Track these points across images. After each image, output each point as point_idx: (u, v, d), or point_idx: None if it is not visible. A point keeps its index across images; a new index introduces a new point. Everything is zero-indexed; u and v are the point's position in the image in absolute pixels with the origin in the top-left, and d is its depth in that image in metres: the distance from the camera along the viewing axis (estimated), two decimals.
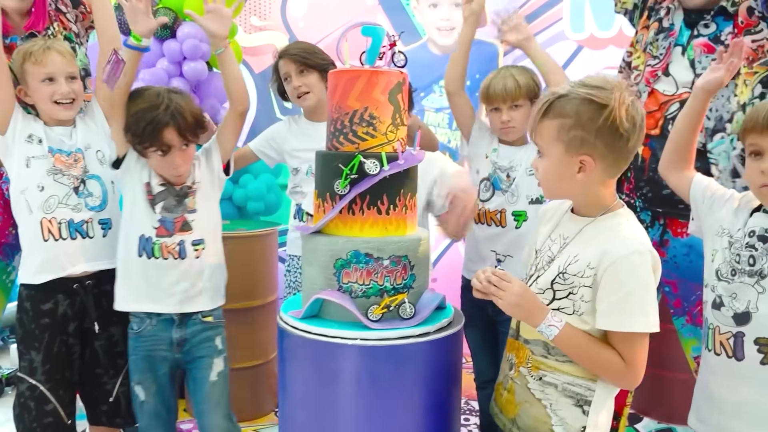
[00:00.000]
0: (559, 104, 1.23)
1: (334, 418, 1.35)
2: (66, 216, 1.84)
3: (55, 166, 1.84)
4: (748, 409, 1.30)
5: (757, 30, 1.87)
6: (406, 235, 1.42)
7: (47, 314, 1.86)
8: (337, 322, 1.37)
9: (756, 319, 1.29)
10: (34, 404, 1.86)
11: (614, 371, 1.22)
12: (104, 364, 1.97)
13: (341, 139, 1.41)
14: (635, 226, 1.27)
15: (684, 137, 1.51)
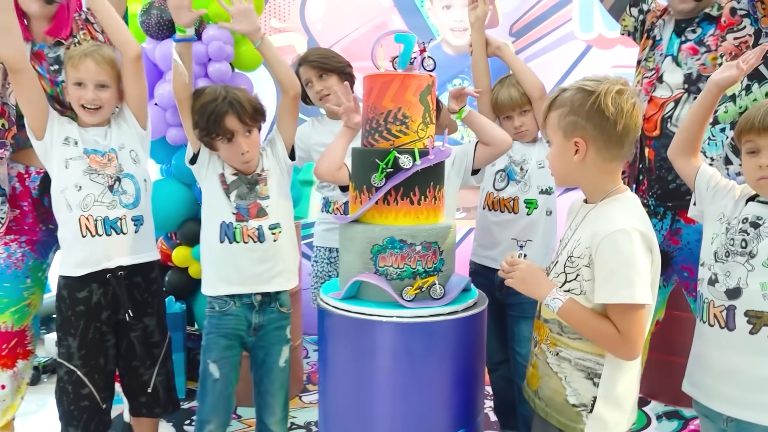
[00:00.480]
0: (560, 97, 1.39)
1: (373, 389, 1.50)
2: (102, 213, 1.94)
3: (90, 166, 1.94)
4: (738, 374, 1.43)
5: (740, 27, 2.02)
6: (436, 223, 1.56)
7: (82, 302, 1.96)
8: (374, 302, 1.52)
9: (746, 293, 1.42)
10: (71, 388, 1.98)
11: (611, 342, 1.33)
12: (140, 356, 2.07)
13: (376, 137, 1.55)
14: (629, 209, 1.38)
15: (694, 126, 1.62)
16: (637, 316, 1.31)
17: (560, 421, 1.42)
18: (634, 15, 2.34)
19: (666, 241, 2.22)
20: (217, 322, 1.94)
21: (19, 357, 2.29)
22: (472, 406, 1.58)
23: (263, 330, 1.96)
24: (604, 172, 1.40)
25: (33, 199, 2.20)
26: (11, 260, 2.19)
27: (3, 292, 2.21)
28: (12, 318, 2.23)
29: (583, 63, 3.53)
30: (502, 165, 2.20)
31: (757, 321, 1.41)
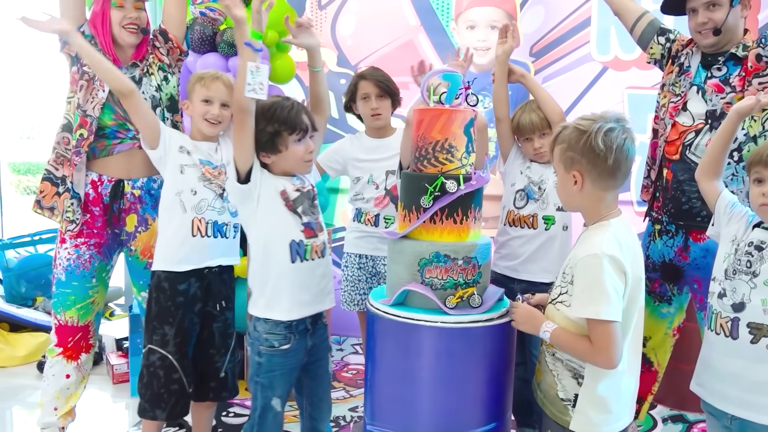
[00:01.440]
0: (561, 134, 1.61)
1: (416, 385, 1.70)
2: (213, 217, 2.17)
3: (204, 174, 2.17)
4: (740, 378, 1.63)
5: (764, 73, 2.21)
6: (476, 240, 1.77)
7: (182, 293, 2.16)
8: (420, 309, 1.72)
9: (749, 308, 1.62)
10: (163, 372, 2.15)
11: (588, 354, 1.53)
12: (218, 345, 2.27)
13: (425, 163, 1.76)
14: (609, 235, 1.54)
15: (716, 151, 1.83)
16: (604, 330, 1.49)
17: (552, 412, 1.64)
18: (662, 43, 2.52)
19: (677, 257, 2.42)
20: (280, 361, 1.90)
21: (83, 350, 2.49)
22: (503, 403, 1.79)
23: (315, 347, 2.00)
24: (600, 199, 1.60)
25: (104, 205, 2.40)
26: (80, 261, 2.41)
27: (71, 290, 2.42)
28: (78, 314, 2.45)
29: (599, 83, 3.72)
30: (522, 185, 2.40)
31: (758, 332, 1.60)
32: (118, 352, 3.48)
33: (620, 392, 1.60)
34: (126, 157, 2.39)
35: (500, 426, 1.77)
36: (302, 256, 1.88)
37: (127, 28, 2.35)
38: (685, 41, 2.47)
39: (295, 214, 1.90)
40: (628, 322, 1.57)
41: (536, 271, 2.37)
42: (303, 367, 2.00)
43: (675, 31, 2.52)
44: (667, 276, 2.48)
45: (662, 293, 2.51)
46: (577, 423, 1.58)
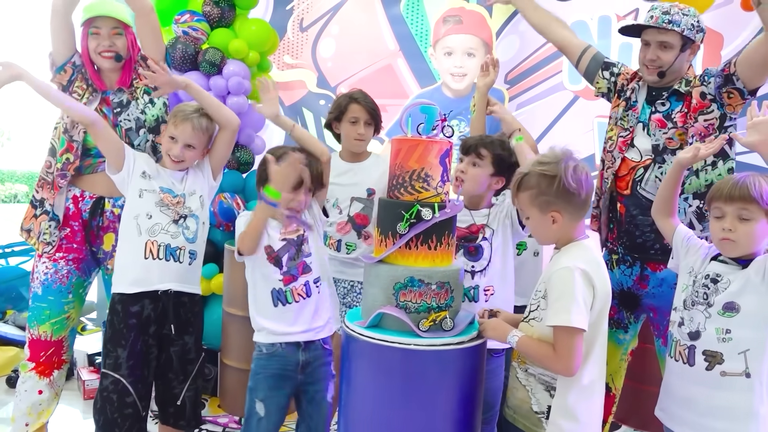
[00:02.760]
0: (525, 180, 1.72)
1: (390, 405, 1.75)
2: (165, 240, 2.19)
3: (162, 200, 2.22)
4: (696, 403, 1.73)
5: (708, 111, 2.34)
6: (449, 266, 1.84)
7: (135, 315, 2.16)
8: (394, 331, 1.78)
9: (704, 336, 1.72)
10: (116, 397, 2.14)
11: (547, 359, 1.64)
12: (176, 369, 2.25)
13: (401, 191, 1.83)
14: (579, 254, 1.68)
15: (666, 194, 1.96)
16: (571, 338, 1.60)
17: (526, 425, 1.72)
18: (606, 77, 2.63)
19: (635, 285, 2.52)
20: (264, 363, 2.07)
21: (55, 367, 2.50)
22: (474, 423, 1.84)
23: (310, 367, 2.09)
24: (573, 228, 1.72)
25: (83, 221, 2.43)
26: (57, 276, 2.43)
27: (46, 305, 2.44)
28: (51, 329, 2.46)
29: (570, 111, 3.85)
30: None
31: (712, 359, 1.70)
32: (90, 367, 3.47)
33: (589, 403, 1.69)
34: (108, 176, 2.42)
35: None
36: (284, 301, 2.07)
37: (102, 54, 2.41)
38: (630, 74, 2.58)
39: (276, 265, 2.06)
40: (596, 335, 1.66)
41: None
42: (299, 386, 2.11)
43: (619, 64, 2.63)
44: (625, 304, 2.57)
45: (619, 320, 2.61)
46: None
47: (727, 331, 1.68)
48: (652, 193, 2.43)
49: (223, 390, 3.25)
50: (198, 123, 2.23)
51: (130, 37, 2.48)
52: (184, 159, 2.25)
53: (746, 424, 1.67)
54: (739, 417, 1.68)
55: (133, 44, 2.50)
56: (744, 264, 1.71)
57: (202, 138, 2.26)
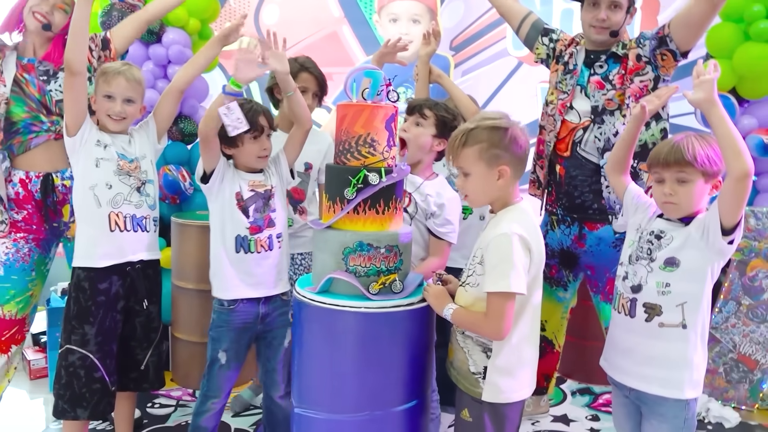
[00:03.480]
0: (473, 134, 1.71)
1: (342, 368, 1.78)
2: (130, 211, 2.14)
3: (121, 168, 2.14)
4: (635, 352, 1.80)
5: (644, 72, 2.41)
6: (397, 230, 1.86)
7: (103, 292, 2.13)
8: (345, 295, 1.80)
9: (645, 289, 1.79)
10: (84, 372, 2.12)
11: (478, 325, 1.70)
12: (139, 338, 2.26)
13: (348, 157, 1.83)
14: (516, 217, 1.70)
15: (622, 151, 1.99)
16: (504, 303, 1.64)
17: (465, 386, 1.77)
18: (545, 43, 2.68)
19: (573, 245, 2.60)
20: (226, 318, 2.15)
21: (14, 342, 2.46)
22: (424, 382, 1.89)
23: (270, 317, 2.19)
24: (512, 188, 1.75)
25: (36, 202, 2.37)
26: (19, 255, 2.39)
27: (10, 284, 2.40)
28: (17, 307, 2.43)
29: (514, 77, 3.90)
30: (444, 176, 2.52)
31: (652, 311, 1.78)
32: (35, 347, 3.38)
33: (522, 360, 1.75)
34: (45, 149, 2.36)
35: (421, 403, 1.88)
36: (246, 248, 2.11)
37: (35, 15, 2.34)
38: (569, 40, 2.64)
39: (243, 213, 2.12)
40: (528, 298, 1.71)
41: (456, 258, 2.49)
42: (259, 335, 2.22)
43: (558, 31, 2.69)
44: (565, 263, 2.67)
45: (559, 278, 2.71)
46: (488, 392, 1.72)
47: (667, 285, 1.75)
48: (591, 153, 2.50)
49: (176, 363, 3.22)
50: (131, 74, 2.17)
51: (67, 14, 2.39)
52: (126, 116, 2.17)
53: (681, 371, 1.76)
54: (674, 365, 1.76)
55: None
56: (686, 221, 1.77)
57: (138, 90, 2.19)
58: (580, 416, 2.98)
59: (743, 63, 3.01)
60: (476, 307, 1.72)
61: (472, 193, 1.76)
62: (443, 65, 3.96)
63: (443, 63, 3.95)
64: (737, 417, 2.91)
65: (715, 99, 1.65)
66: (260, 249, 2.13)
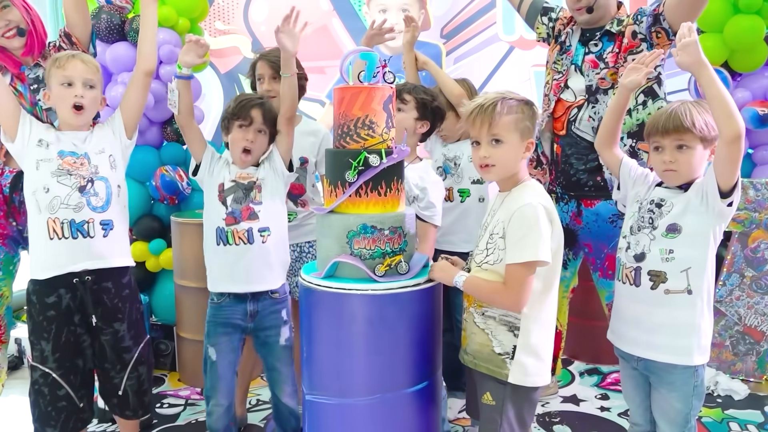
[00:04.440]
0: (506, 104, 1.69)
1: (352, 351, 1.77)
2: (68, 216, 1.95)
3: (60, 167, 1.97)
4: (642, 321, 1.80)
5: (638, 50, 2.41)
6: (400, 211, 1.86)
7: (52, 307, 1.98)
8: (351, 279, 1.79)
9: (649, 257, 1.79)
10: (47, 390, 2.00)
11: (498, 294, 1.67)
12: (111, 359, 2.11)
13: (347, 140, 1.82)
14: (536, 191, 1.70)
15: (611, 123, 1.98)
16: (529, 274, 1.63)
17: (489, 368, 1.73)
18: (545, 23, 2.69)
19: (572, 222, 2.61)
20: (214, 312, 2.17)
21: None
22: (434, 362, 1.89)
23: (259, 316, 2.17)
24: (525, 165, 1.76)
25: (4, 196, 2.33)
26: None
27: None
28: None
29: (507, 62, 3.91)
30: (440, 162, 2.53)
31: (656, 279, 1.78)
32: None
33: (549, 339, 1.74)
34: None
35: (432, 384, 1.87)
36: (224, 240, 2.10)
37: (6, 36, 2.29)
38: (567, 19, 2.64)
39: (222, 203, 2.11)
40: (555, 272, 1.71)
41: (457, 241, 2.50)
42: (253, 333, 2.21)
43: (557, 9, 2.68)
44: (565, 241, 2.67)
45: None
46: (515, 374, 1.69)
47: (670, 251, 1.75)
48: (585, 132, 2.50)
49: (182, 363, 3.21)
50: (87, 58, 2.06)
51: (19, 3, 2.32)
52: (86, 103, 2.01)
53: (689, 337, 1.76)
54: (681, 332, 1.76)
55: (27, 9, 2.36)
56: (685, 188, 1.78)
57: (96, 75, 2.06)
58: (590, 395, 2.98)
59: (734, 36, 3.01)
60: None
61: (501, 162, 1.71)
62: (435, 53, 3.96)
63: (435, 51, 3.96)
64: (746, 389, 2.92)
65: (703, 60, 1.65)
66: (238, 241, 2.09)
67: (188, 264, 3.00)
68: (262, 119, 2.11)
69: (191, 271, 2.98)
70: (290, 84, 2.15)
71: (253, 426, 2.70)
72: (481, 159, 1.72)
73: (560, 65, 2.57)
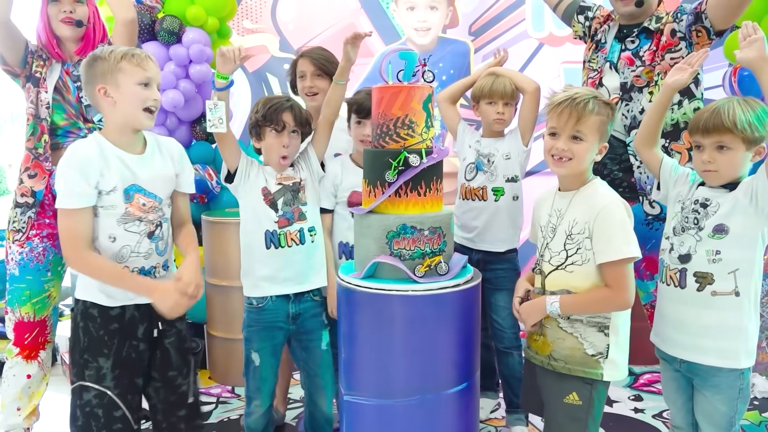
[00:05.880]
0: (596, 103, 1.70)
1: (392, 352, 1.77)
2: (138, 264, 1.80)
3: (126, 213, 1.77)
4: (687, 324, 1.77)
5: (677, 48, 2.36)
6: (439, 211, 1.84)
7: (116, 319, 1.80)
8: (390, 279, 1.78)
9: (695, 259, 1.76)
10: (102, 411, 1.80)
11: (607, 300, 1.67)
12: (177, 364, 1.92)
13: (387, 140, 1.81)
14: (608, 188, 1.76)
15: (652, 122, 1.95)
16: (625, 270, 1.66)
17: (585, 371, 1.72)
18: (581, 21, 2.65)
19: None
20: (255, 317, 2.13)
21: (40, 347, 2.45)
22: (473, 363, 1.87)
23: (301, 318, 2.15)
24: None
25: (53, 195, 2.36)
26: (33, 254, 2.36)
27: (25, 285, 2.37)
28: (33, 309, 2.40)
29: (536, 59, 3.87)
30: (473, 158, 2.49)
31: (703, 280, 1.74)
32: None
33: (629, 332, 1.77)
34: None
35: (471, 385, 1.86)
36: (276, 243, 2.09)
37: (63, 21, 2.34)
38: (604, 17, 2.60)
39: (272, 207, 2.09)
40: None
41: (492, 240, 2.47)
42: (293, 336, 2.18)
43: (594, 7, 2.65)
44: None
45: None
46: (609, 371, 1.72)
47: (717, 252, 1.72)
48: (618, 131, 2.47)
49: (213, 361, 3.23)
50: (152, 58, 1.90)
51: (92, 6, 2.41)
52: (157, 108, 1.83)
53: (736, 341, 1.73)
54: (729, 335, 1.73)
55: (96, 14, 2.45)
56: (731, 187, 1.74)
57: None
58: (623, 397, 2.95)
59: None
60: (586, 285, 1.70)
61: (579, 157, 1.71)
62: (463, 51, 3.93)
63: (463, 48, 3.93)
64: None
65: (767, 57, 1.62)
66: (291, 243, 2.09)
67: (219, 262, 3.01)
68: (294, 122, 2.09)
69: (222, 270, 3.00)
70: (341, 91, 2.16)
71: (286, 425, 2.71)
72: (560, 151, 1.71)
73: (595, 63, 2.54)
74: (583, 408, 1.74)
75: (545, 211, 1.83)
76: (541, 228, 1.83)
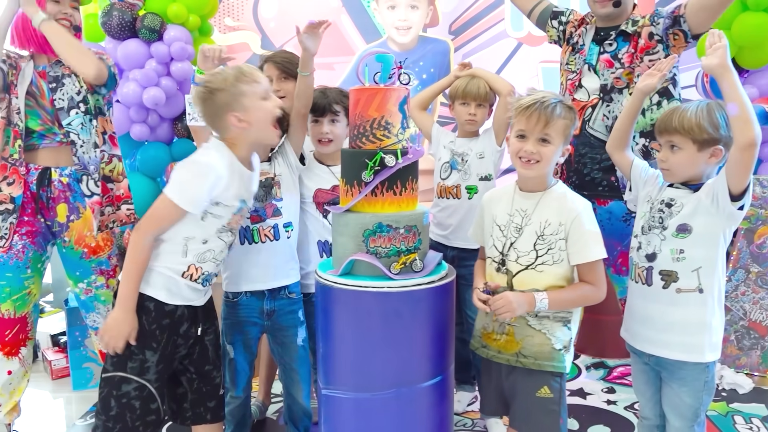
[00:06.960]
0: (563, 107, 1.76)
1: (368, 347, 1.81)
2: (210, 269, 1.88)
3: (227, 224, 1.87)
4: (654, 320, 1.84)
5: (654, 51, 2.42)
6: (414, 210, 1.89)
7: (169, 314, 1.85)
8: (366, 276, 1.83)
9: (660, 257, 1.82)
10: (139, 403, 1.83)
11: (592, 295, 1.78)
12: (213, 359, 2.00)
13: (363, 140, 1.85)
14: (573, 192, 1.84)
15: (624, 126, 2.02)
16: (600, 266, 1.78)
17: (553, 365, 1.79)
18: (555, 26, 2.71)
19: None
20: (230, 311, 2.17)
21: (21, 344, 2.46)
22: (447, 357, 1.93)
23: (276, 314, 2.18)
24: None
25: (31, 193, 2.37)
26: (12, 251, 2.37)
27: (5, 282, 2.38)
28: (14, 306, 2.41)
29: (515, 59, 3.92)
30: (447, 158, 2.54)
31: (668, 278, 1.81)
32: (54, 347, 3.42)
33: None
34: (52, 150, 2.40)
35: (445, 378, 1.91)
36: (250, 239, 2.11)
37: (61, 21, 2.35)
38: (578, 21, 2.66)
39: None
40: None
41: (466, 238, 2.49)
42: (269, 332, 2.23)
43: (568, 12, 2.70)
44: None
45: None
46: (568, 363, 1.82)
47: (681, 251, 1.78)
48: (599, 131, 2.52)
49: None
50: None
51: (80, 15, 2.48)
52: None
53: (701, 336, 1.79)
54: (693, 330, 1.79)
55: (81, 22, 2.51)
56: (695, 188, 1.80)
57: None
58: (596, 389, 3.02)
59: (742, 33, 3.02)
60: (555, 285, 1.78)
61: (545, 160, 1.76)
62: (444, 50, 3.98)
63: (443, 47, 3.97)
64: (750, 383, 2.96)
65: (728, 65, 1.67)
66: (264, 239, 2.11)
67: None
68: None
69: None
70: (307, 83, 2.14)
71: (267, 419, 2.74)
72: (529, 153, 1.76)
73: (573, 65, 2.59)
74: (555, 400, 1.81)
75: (502, 210, 1.87)
76: (499, 227, 1.86)
